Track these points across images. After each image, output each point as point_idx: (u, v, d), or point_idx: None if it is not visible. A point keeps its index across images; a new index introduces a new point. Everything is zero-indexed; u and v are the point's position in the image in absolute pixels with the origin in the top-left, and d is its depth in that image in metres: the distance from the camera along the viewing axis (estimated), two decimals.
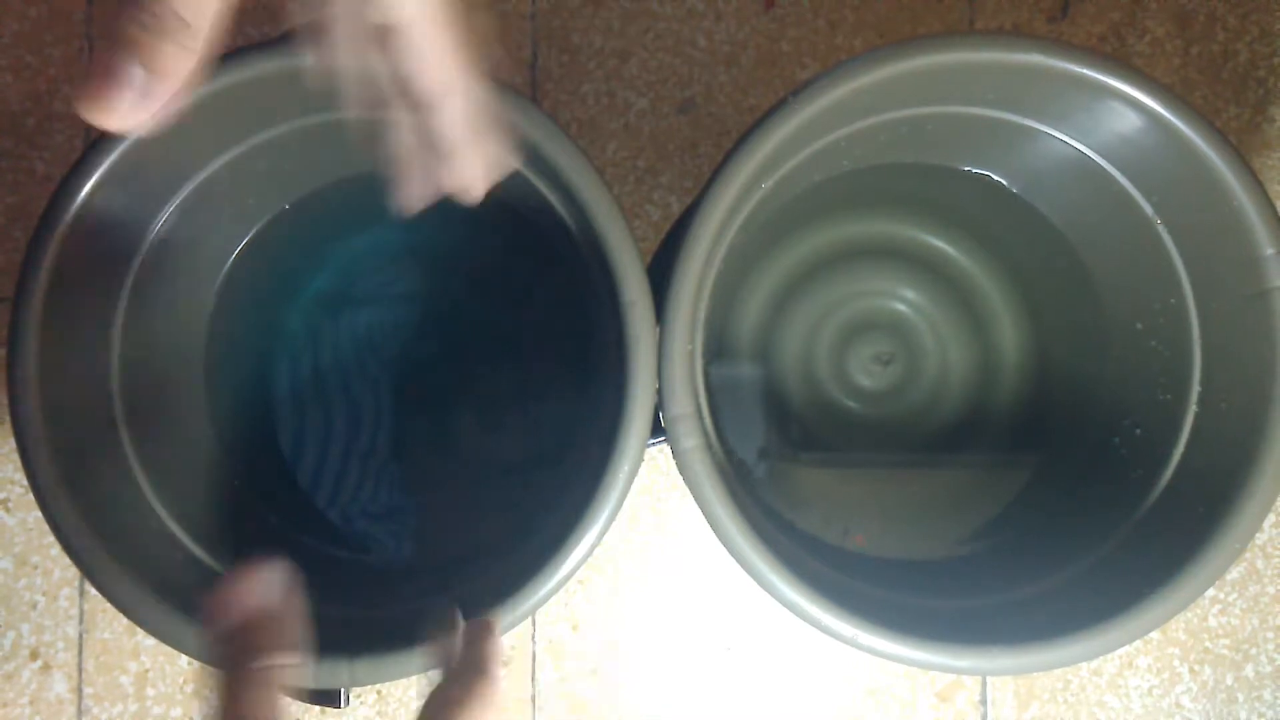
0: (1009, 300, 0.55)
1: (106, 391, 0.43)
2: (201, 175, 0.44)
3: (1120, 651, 0.61)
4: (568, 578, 0.38)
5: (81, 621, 0.59)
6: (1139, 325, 0.46)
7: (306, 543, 0.50)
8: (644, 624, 0.60)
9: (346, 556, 0.50)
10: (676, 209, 0.61)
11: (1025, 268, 0.54)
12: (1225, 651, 0.61)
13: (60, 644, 0.59)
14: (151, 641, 0.59)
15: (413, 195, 0.33)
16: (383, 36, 0.28)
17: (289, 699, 0.32)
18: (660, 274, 0.40)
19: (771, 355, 0.55)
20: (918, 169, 0.50)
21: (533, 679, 0.60)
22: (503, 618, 0.38)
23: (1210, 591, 0.60)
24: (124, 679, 0.59)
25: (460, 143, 0.31)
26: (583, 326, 0.50)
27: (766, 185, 0.43)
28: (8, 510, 0.60)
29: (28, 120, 0.60)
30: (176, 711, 0.59)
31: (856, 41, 0.61)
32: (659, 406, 0.40)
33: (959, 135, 0.46)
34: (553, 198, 0.42)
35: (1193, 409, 0.43)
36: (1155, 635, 0.61)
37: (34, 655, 0.59)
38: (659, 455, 0.60)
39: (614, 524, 0.39)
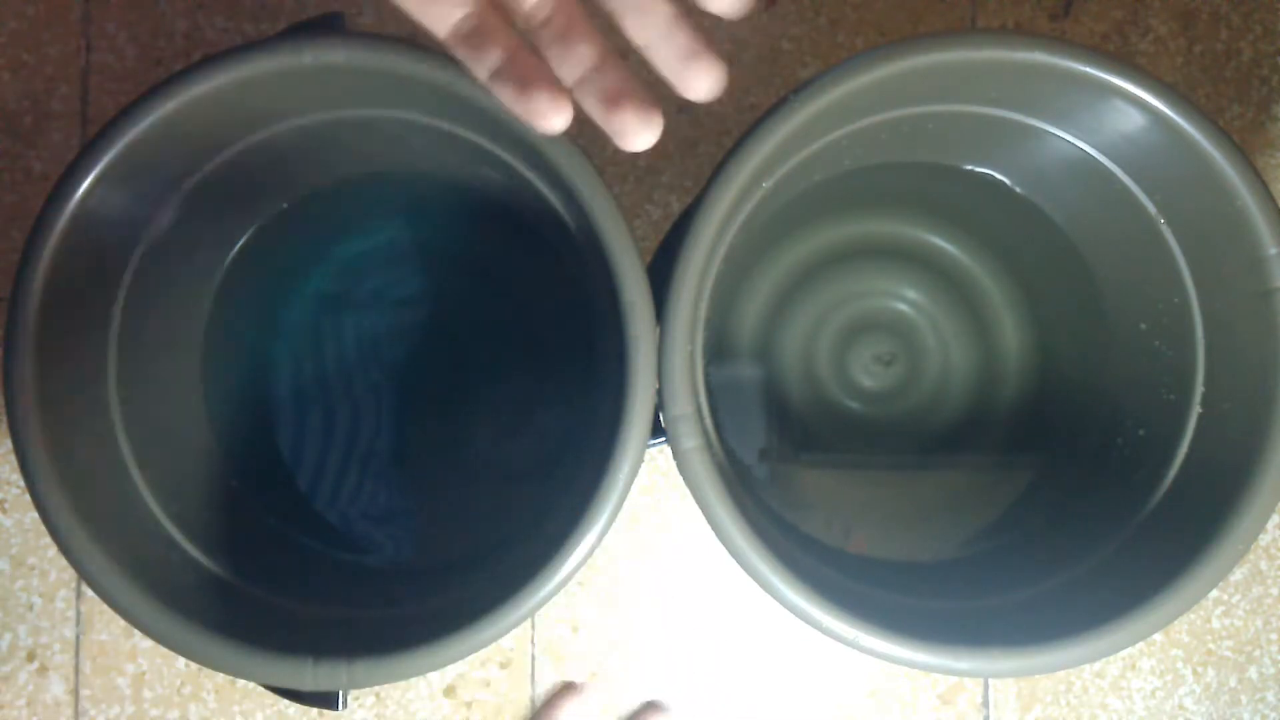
0: (1011, 300, 0.54)
1: (103, 393, 0.43)
2: (199, 174, 0.43)
3: (1123, 653, 0.61)
4: (568, 578, 0.38)
5: (78, 623, 0.59)
6: (1142, 325, 0.46)
7: (305, 544, 0.49)
8: (644, 625, 0.60)
9: (345, 558, 0.50)
10: (676, 209, 0.61)
11: (1027, 267, 0.54)
12: (1229, 653, 0.61)
13: (57, 646, 0.59)
14: (148, 644, 0.59)
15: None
16: None
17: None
18: (660, 274, 0.39)
19: (772, 355, 0.55)
20: (919, 168, 0.50)
21: (532, 680, 0.59)
22: (503, 619, 0.38)
23: (1213, 593, 0.60)
24: (121, 681, 0.59)
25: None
26: (583, 327, 0.50)
27: (767, 185, 0.43)
28: (4, 511, 0.60)
29: (25, 119, 0.60)
30: (173, 714, 0.59)
31: (858, 40, 0.61)
32: (659, 407, 0.39)
33: (961, 134, 0.45)
34: (553, 198, 0.42)
35: (1196, 409, 0.43)
36: (1158, 637, 0.61)
37: (31, 657, 0.59)
38: (659, 455, 0.60)
39: (614, 525, 0.39)
